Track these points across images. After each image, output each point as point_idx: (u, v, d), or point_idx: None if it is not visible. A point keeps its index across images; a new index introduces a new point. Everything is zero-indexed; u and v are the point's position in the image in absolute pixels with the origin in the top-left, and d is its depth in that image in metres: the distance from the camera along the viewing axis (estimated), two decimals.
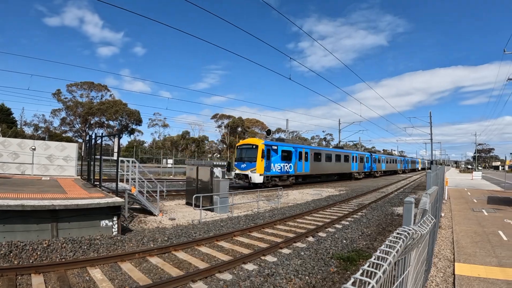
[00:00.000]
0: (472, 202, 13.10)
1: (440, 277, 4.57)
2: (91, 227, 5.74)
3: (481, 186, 23.14)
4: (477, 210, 10.54)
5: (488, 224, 8.15)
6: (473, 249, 5.81)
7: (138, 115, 41.74)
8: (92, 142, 9.47)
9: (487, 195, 16.03)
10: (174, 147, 45.62)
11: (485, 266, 4.80)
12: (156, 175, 23.21)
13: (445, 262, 5.27)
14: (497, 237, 6.64)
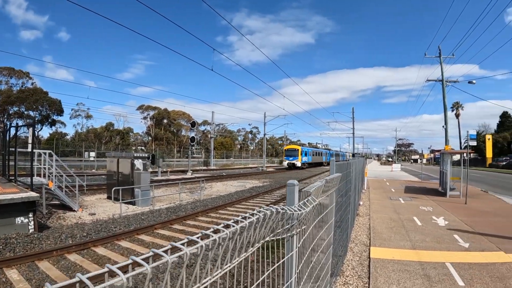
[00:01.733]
0: (390, 191, 21.03)
1: (356, 261, 7.43)
2: (6, 225, 9.09)
3: (400, 177, 37.06)
4: (394, 199, 17.11)
5: (404, 211, 13.42)
6: (389, 234, 9.59)
7: (59, 105, 62.33)
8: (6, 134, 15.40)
9: (405, 185, 25.94)
10: (97, 140, 69.87)
11: (400, 249, 8.06)
12: (78, 169, 36.23)
13: (362, 247, 8.52)
14: (412, 223, 11.08)
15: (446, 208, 14.45)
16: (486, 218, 12.35)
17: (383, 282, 6.24)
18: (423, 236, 9.53)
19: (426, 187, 24.82)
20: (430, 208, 14.44)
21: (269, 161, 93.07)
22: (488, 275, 6.52)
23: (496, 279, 6.28)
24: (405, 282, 6.24)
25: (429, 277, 6.46)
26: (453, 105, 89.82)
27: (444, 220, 11.76)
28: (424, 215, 12.80)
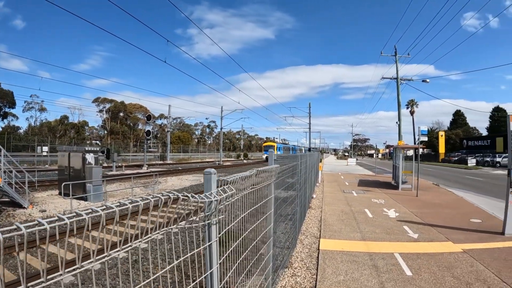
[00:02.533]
0: (344, 185, 21.78)
1: (306, 253, 7.51)
2: None
3: (355, 171, 38.59)
4: (347, 192, 17.70)
5: (356, 203, 13.88)
6: (340, 226, 9.83)
7: (11, 96, 65.33)
8: None
9: (359, 178, 27.02)
10: (51, 134, 71.17)
11: (350, 240, 8.27)
12: (31, 164, 36.99)
13: (312, 239, 8.63)
14: (363, 215, 11.47)
15: (398, 200, 15.09)
16: (436, 209, 12.96)
17: (331, 273, 6.29)
18: (373, 228, 9.82)
19: (379, 180, 26.01)
20: (382, 200, 14.99)
21: (226, 155, 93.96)
22: (436, 264, 6.78)
23: (444, 269, 6.55)
24: (353, 272, 6.33)
25: (377, 267, 6.60)
26: (408, 102, 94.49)
27: (395, 212, 12.22)
28: (375, 207, 13.27)
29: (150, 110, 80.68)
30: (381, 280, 5.95)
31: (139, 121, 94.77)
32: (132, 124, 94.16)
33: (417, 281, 5.89)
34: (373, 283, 5.82)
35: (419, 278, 6.06)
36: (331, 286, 5.74)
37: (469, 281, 5.95)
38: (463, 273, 6.31)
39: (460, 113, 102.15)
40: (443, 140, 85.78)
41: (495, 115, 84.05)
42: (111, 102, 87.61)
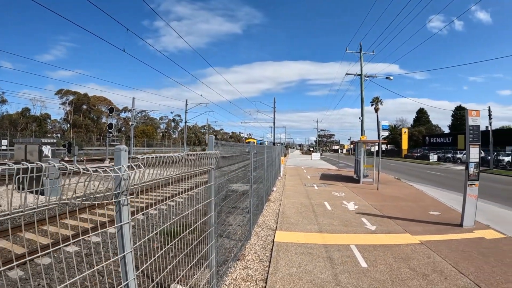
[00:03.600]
0: (306, 178, 21.93)
1: (260, 245, 7.34)
2: None
3: (318, 165, 39.09)
4: (308, 185, 17.79)
5: (317, 196, 13.94)
6: (297, 218, 9.74)
7: None
8: None
9: (321, 172, 27.38)
10: (12, 127, 68.65)
11: (306, 232, 8.17)
12: None
13: (268, 231, 8.49)
14: (322, 208, 11.48)
15: (358, 193, 15.25)
16: (395, 202, 13.15)
17: (283, 265, 6.13)
18: (331, 220, 9.79)
19: (342, 174, 26.42)
20: (342, 193, 15.09)
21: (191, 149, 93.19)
22: (392, 256, 6.75)
23: (400, 260, 6.52)
24: (307, 264, 6.19)
25: (332, 259, 6.49)
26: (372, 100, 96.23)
27: (354, 204, 12.29)
28: (335, 200, 13.35)
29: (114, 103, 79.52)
30: (335, 272, 5.83)
31: (103, 114, 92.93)
32: (96, 117, 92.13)
33: (372, 273, 5.81)
34: (327, 275, 5.69)
35: (375, 269, 5.98)
36: (283, 278, 5.55)
37: (426, 272, 5.93)
38: (420, 265, 6.31)
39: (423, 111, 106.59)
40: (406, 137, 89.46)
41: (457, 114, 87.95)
42: (74, 94, 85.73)
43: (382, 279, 5.55)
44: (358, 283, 5.38)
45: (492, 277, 5.90)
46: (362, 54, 29.42)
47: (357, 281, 5.46)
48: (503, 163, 41.47)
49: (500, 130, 62.71)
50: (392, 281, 5.51)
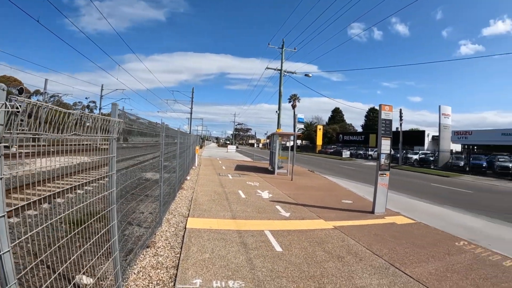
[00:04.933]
0: (221, 169, 21.89)
1: (172, 232, 7.19)
2: None
3: (234, 157, 39.45)
4: (223, 175, 17.75)
5: (231, 185, 13.93)
6: (210, 205, 9.60)
7: None
8: None
9: (237, 164, 27.65)
10: None
11: (219, 219, 8.07)
12: None
13: (180, 218, 8.24)
14: (236, 196, 11.49)
15: (273, 183, 15.53)
16: (309, 192, 13.58)
17: (196, 251, 5.90)
18: (245, 207, 9.81)
19: (257, 166, 26.99)
20: (257, 183, 15.26)
21: None
22: (307, 240, 6.89)
23: (315, 244, 6.68)
24: (220, 250, 6.02)
25: (246, 244, 6.40)
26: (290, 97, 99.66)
27: (268, 193, 12.46)
28: (249, 189, 13.46)
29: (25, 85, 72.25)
30: (249, 257, 5.73)
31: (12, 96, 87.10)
32: None
33: (287, 256, 5.83)
34: (241, 260, 5.57)
35: (289, 253, 6.01)
36: (195, 264, 5.33)
37: (341, 254, 6.14)
38: (334, 248, 6.51)
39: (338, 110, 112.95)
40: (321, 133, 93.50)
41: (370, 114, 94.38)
42: None
43: (297, 262, 5.60)
44: (273, 266, 5.35)
45: (405, 257, 6.29)
46: (284, 50, 29.93)
47: (272, 264, 5.43)
48: (411, 161, 45.70)
49: (409, 132, 68.77)
50: (308, 263, 5.58)
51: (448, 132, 44.79)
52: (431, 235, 8.22)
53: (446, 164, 40.16)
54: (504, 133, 47.08)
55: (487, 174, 33.59)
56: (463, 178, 29.81)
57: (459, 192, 19.16)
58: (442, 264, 6.05)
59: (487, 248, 7.42)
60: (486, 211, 12.89)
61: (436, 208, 12.53)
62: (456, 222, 10.24)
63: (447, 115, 43.68)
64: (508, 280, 5.50)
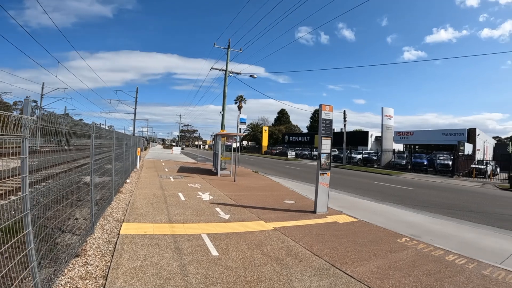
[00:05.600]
0: (163, 171, 21.36)
1: (104, 239, 6.76)
2: None
3: (178, 159, 38.77)
4: (165, 177, 17.30)
5: (171, 188, 13.56)
6: (147, 209, 9.22)
7: None
8: None
9: (180, 165, 27.15)
10: None
11: (155, 223, 7.75)
12: None
13: (115, 223, 7.82)
14: (176, 198, 11.16)
15: (215, 185, 15.32)
16: (251, 192, 13.48)
17: (127, 259, 5.54)
18: (183, 210, 9.52)
19: (200, 167, 26.63)
20: (198, 185, 14.98)
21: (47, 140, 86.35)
22: (245, 243, 6.71)
23: (253, 246, 6.50)
24: (153, 256, 5.70)
25: (181, 249, 6.11)
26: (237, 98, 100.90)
27: (209, 195, 12.24)
28: (190, 191, 13.16)
29: None
30: (184, 263, 5.46)
31: None
32: None
33: (224, 261, 5.61)
34: (174, 267, 5.29)
35: (226, 257, 5.80)
36: (126, 273, 4.98)
37: (280, 256, 6.00)
38: (273, 250, 6.38)
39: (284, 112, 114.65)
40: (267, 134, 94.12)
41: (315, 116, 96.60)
42: None
43: (234, 267, 5.40)
44: (208, 272, 5.12)
45: (346, 256, 6.27)
46: (230, 50, 29.82)
47: (207, 270, 5.20)
48: (355, 160, 47.30)
49: (354, 132, 71.44)
50: (245, 267, 5.40)
51: (390, 132, 46.66)
52: (373, 232, 8.33)
53: (389, 163, 41.73)
54: (444, 133, 50.37)
55: (428, 172, 35.40)
56: (405, 176, 31.08)
57: (401, 189, 19.89)
58: (385, 262, 6.07)
59: (429, 243, 7.61)
60: (428, 207, 13.42)
61: (379, 206, 12.84)
62: (398, 218, 10.51)
63: (389, 116, 45.43)
64: (451, 275, 5.59)
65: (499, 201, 17.14)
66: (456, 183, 26.44)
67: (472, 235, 9.02)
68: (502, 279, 5.57)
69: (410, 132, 57.10)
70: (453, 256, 6.68)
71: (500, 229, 10.17)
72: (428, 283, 5.16)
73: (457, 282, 5.28)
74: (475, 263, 6.35)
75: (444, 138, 50.24)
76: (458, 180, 29.19)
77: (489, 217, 12.09)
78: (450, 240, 8.23)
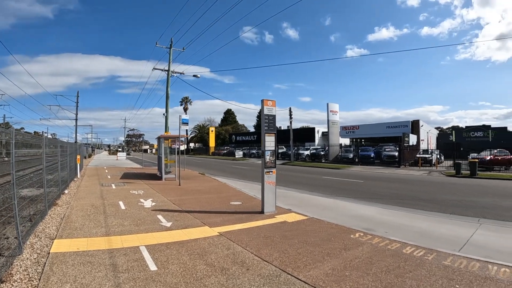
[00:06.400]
0: (106, 178, 20.33)
1: (33, 259, 5.88)
2: None
3: (123, 165, 37.41)
4: (106, 185, 16.40)
5: (112, 196, 12.75)
6: (83, 222, 8.46)
7: None
8: None
9: (124, 171, 26.13)
10: None
11: (90, 238, 6.99)
12: None
13: (46, 240, 7.01)
14: (115, 207, 10.43)
15: (158, 190, 14.72)
16: (196, 196, 13.06)
17: (55, 282, 4.89)
18: (123, 220, 8.83)
19: (145, 172, 25.76)
20: (141, 191, 14.28)
21: None
22: (187, 253, 6.19)
23: (196, 256, 6.00)
24: (84, 277, 5.07)
25: (116, 266, 5.50)
26: (182, 99, 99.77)
27: (152, 202, 11.63)
28: (132, 198, 12.48)
29: None
30: (118, 282, 4.88)
31: None
32: None
33: (163, 276, 5.08)
34: (107, 287, 4.66)
35: (165, 272, 5.26)
36: None
37: (225, 266, 5.55)
38: (218, 258, 5.91)
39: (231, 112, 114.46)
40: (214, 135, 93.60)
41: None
42: None
43: (174, 282, 4.88)
44: None
45: (298, 259, 5.89)
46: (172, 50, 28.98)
47: None
48: (303, 157, 47.88)
49: (300, 129, 72.78)
50: (186, 282, 4.89)
51: (336, 127, 47.74)
52: (325, 230, 8.06)
53: (336, 157, 42.61)
54: (389, 126, 52.31)
55: (376, 164, 36.58)
56: (353, 168, 31.75)
57: (351, 182, 20.13)
58: (340, 262, 5.76)
59: (384, 236, 7.45)
60: (378, 198, 13.55)
61: (329, 201, 12.77)
62: (350, 212, 10.44)
63: (335, 112, 46.44)
64: (411, 269, 5.38)
65: (447, 187, 17.77)
66: (404, 173, 27.32)
67: (426, 224, 9.10)
68: (465, 268, 5.46)
69: (355, 127, 58.75)
70: (410, 248, 6.54)
71: (453, 215, 10.41)
72: (388, 281, 4.89)
73: (419, 277, 5.07)
74: (434, 253, 6.23)
75: (389, 130, 52.14)
76: (405, 170, 30.24)
77: (440, 204, 12.41)
78: (405, 231, 8.20)
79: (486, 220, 9.77)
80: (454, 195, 14.58)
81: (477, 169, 24.30)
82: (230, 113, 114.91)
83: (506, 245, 7.13)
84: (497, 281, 4.91)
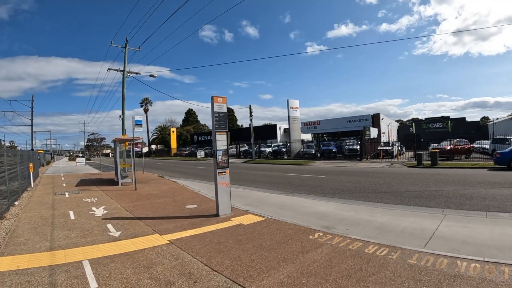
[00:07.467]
0: (61, 186, 19.40)
1: None
2: None
3: (81, 170, 36.21)
4: (59, 194, 15.60)
5: (64, 205, 12.12)
6: (29, 236, 7.88)
7: None
8: None
9: (81, 178, 25.14)
10: None
11: (32, 254, 6.42)
12: None
13: None
14: (65, 218, 9.88)
15: (113, 196, 14.17)
16: (151, 201, 12.68)
17: None
18: (69, 232, 8.30)
19: (103, 178, 24.97)
20: (95, 199, 13.66)
21: None
22: (132, 266, 5.79)
23: (141, 269, 5.61)
24: None
25: (55, 285, 5.10)
26: (142, 100, 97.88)
27: (104, 209, 11.12)
28: (84, 207, 11.86)
29: None
30: None
31: None
32: None
33: None
34: None
35: None
36: None
37: (171, 279, 5.16)
38: (164, 271, 5.53)
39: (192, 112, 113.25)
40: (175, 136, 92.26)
41: None
42: None
43: None
44: None
45: (251, 267, 5.56)
46: (127, 49, 27.98)
47: None
48: (265, 154, 47.92)
49: (262, 127, 73.12)
50: None
51: (297, 123, 47.92)
52: (282, 231, 7.78)
53: (298, 153, 42.79)
54: (350, 120, 53.27)
55: (338, 158, 37.00)
56: (315, 164, 31.87)
57: (312, 178, 20.10)
58: (296, 268, 5.41)
59: (345, 235, 7.20)
60: (339, 193, 13.51)
61: (288, 198, 12.60)
62: (309, 210, 10.27)
63: (295, 108, 46.62)
64: (374, 272, 5.08)
65: (409, 178, 17.93)
66: (365, 165, 27.69)
67: (389, 218, 8.94)
68: (432, 266, 5.23)
69: (317, 122, 59.40)
70: (373, 247, 6.30)
71: (416, 207, 10.33)
72: (350, 287, 4.60)
73: (383, 280, 4.76)
74: (399, 251, 6.00)
75: (350, 124, 53.03)
76: (367, 162, 30.66)
77: (402, 195, 12.43)
78: (367, 228, 8.03)
79: (450, 210, 9.67)
80: (417, 186, 14.76)
81: (438, 159, 24.94)
82: (191, 113, 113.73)
83: (471, 236, 7.02)
84: (468, 279, 4.66)
